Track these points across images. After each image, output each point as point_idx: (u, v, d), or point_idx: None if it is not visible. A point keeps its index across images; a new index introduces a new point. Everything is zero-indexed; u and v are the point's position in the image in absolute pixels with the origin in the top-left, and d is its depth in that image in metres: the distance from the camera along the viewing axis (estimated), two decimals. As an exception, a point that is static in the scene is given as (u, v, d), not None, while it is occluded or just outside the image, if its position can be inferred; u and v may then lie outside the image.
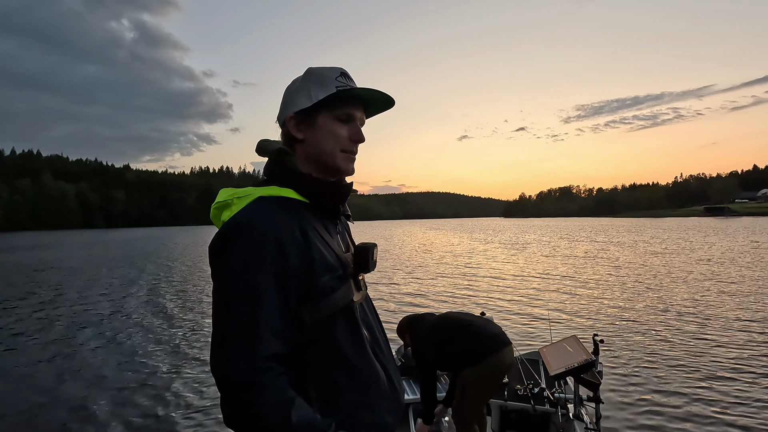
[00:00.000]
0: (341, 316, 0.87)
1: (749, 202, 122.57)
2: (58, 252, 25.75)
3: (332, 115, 0.90)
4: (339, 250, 0.92)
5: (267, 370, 0.73)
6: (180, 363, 5.26)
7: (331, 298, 0.84)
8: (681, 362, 4.87)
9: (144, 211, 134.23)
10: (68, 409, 4.04)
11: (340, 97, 0.90)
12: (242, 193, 0.87)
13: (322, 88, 0.89)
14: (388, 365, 0.94)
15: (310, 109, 0.90)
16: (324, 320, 0.83)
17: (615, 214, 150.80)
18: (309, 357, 0.82)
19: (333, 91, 0.88)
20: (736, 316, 6.88)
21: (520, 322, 6.94)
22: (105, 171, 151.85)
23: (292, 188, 0.88)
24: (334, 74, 0.91)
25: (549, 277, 11.82)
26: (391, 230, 58.08)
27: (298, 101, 0.91)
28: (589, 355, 2.39)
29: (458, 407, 2.50)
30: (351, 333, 0.87)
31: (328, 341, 0.84)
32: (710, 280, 10.52)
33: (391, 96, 0.94)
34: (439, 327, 2.58)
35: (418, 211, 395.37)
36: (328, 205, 0.92)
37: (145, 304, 9.02)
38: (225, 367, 0.73)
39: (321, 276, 0.83)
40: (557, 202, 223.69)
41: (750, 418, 3.59)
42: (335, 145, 0.91)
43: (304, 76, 0.93)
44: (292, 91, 0.93)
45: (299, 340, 0.80)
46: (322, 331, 0.83)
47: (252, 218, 0.81)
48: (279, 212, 0.83)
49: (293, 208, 0.86)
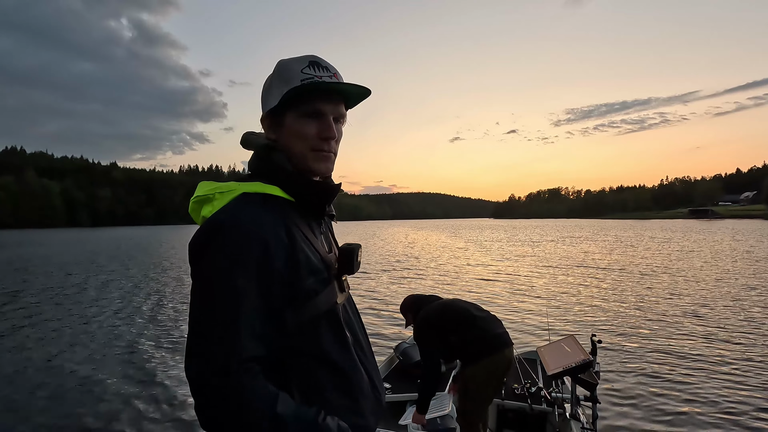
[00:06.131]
0: (325, 319, 0.85)
1: (732, 205, 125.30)
2: (32, 250, 25.20)
3: (299, 112, 0.84)
4: (323, 250, 0.89)
5: (246, 371, 0.71)
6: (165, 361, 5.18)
7: (315, 300, 0.83)
8: (679, 363, 4.89)
9: (130, 209, 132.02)
10: (54, 409, 3.93)
11: (308, 91, 0.83)
12: (225, 188, 0.83)
13: (286, 83, 0.83)
14: (369, 366, 0.93)
15: (278, 108, 0.85)
16: (307, 323, 0.82)
17: (602, 215, 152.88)
18: (292, 360, 0.80)
19: (297, 84, 0.82)
20: (735, 317, 6.93)
21: (518, 321, 6.95)
22: (91, 168, 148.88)
23: (278, 186, 0.85)
24: (300, 66, 0.84)
25: (547, 277, 11.90)
26: (380, 230, 58.11)
27: (269, 100, 0.87)
28: (587, 355, 2.38)
29: (462, 408, 2.47)
30: (334, 335, 0.86)
31: (312, 344, 0.82)
32: (709, 280, 10.65)
33: (362, 85, 0.86)
34: (444, 314, 2.51)
35: (409, 212, 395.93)
36: (314, 205, 0.89)
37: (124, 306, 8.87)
38: (201, 369, 0.71)
39: (305, 279, 0.81)
40: (546, 203, 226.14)
41: (750, 419, 3.61)
42: (304, 145, 0.86)
43: (273, 71, 0.87)
44: (265, 89, 0.89)
45: (282, 343, 0.78)
46: (306, 333, 0.82)
47: (236, 217, 0.77)
48: (264, 211, 0.80)
49: (279, 207, 0.83)
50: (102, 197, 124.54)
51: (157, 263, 17.10)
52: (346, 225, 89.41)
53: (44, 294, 10.11)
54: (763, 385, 4.27)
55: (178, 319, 7.48)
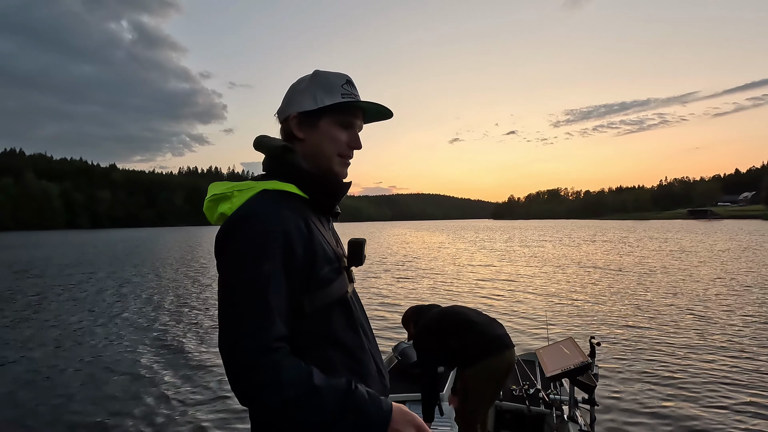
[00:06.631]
0: (337, 305, 0.92)
1: (731, 205, 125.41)
2: (32, 252, 25.18)
3: (335, 120, 0.95)
4: (333, 243, 0.98)
5: (279, 349, 0.76)
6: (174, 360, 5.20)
7: (330, 288, 0.90)
8: (678, 366, 4.87)
9: (130, 211, 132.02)
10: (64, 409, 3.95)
11: (347, 105, 0.95)
12: (243, 186, 0.91)
13: (327, 94, 0.94)
14: (374, 352, 1.00)
15: (314, 111, 0.94)
16: (322, 309, 0.88)
17: (602, 216, 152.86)
18: (307, 344, 0.86)
19: (338, 99, 0.93)
20: (735, 319, 6.91)
21: (517, 322, 6.94)
22: (90, 170, 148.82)
23: (294, 183, 0.92)
24: (340, 81, 0.95)
25: (546, 278, 11.89)
26: (380, 231, 58.09)
27: (302, 102, 0.95)
28: (586, 357, 2.39)
29: (461, 410, 2.47)
30: (345, 320, 0.93)
31: (326, 327, 0.89)
32: (708, 281, 10.66)
33: (390, 109, 1.00)
34: (442, 320, 2.52)
35: (408, 213, 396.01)
36: (326, 202, 0.98)
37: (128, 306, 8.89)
38: (238, 348, 0.75)
39: (322, 268, 0.88)
40: (545, 204, 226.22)
41: (750, 420, 3.61)
42: (334, 149, 0.96)
43: (311, 79, 0.97)
44: (297, 91, 0.97)
45: (299, 328, 0.84)
46: (320, 319, 0.88)
47: (260, 209, 0.84)
48: (284, 205, 0.87)
49: (295, 203, 0.91)
50: (101, 199, 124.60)
51: (164, 264, 17.11)
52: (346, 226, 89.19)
53: (52, 293, 10.12)
54: (766, 386, 4.26)
55: (188, 316, 7.51)
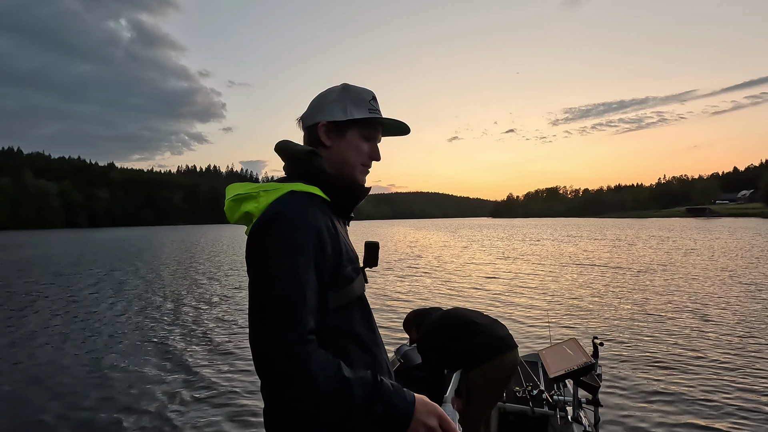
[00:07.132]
0: (357, 304, 0.97)
1: (729, 203, 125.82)
2: (32, 251, 25.13)
3: (360, 132, 1.03)
4: (351, 245, 1.03)
5: (310, 342, 0.79)
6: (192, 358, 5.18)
7: (351, 287, 0.94)
8: (682, 366, 4.86)
9: (129, 210, 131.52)
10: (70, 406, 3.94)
11: (371, 120, 1.04)
12: (269, 186, 0.96)
13: (356, 107, 1.02)
14: (384, 350, 1.06)
15: (344, 122, 1.01)
16: (344, 306, 0.93)
17: (601, 214, 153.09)
18: (329, 339, 0.89)
19: (366, 114, 1.02)
20: (738, 319, 6.91)
21: (520, 323, 6.92)
22: (88, 169, 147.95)
23: (318, 186, 0.98)
24: (368, 97, 1.04)
25: (548, 278, 11.87)
26: (380, 230, 58.01)
27: (333, 112, 1.02)
28: (589, 357, 2.38)
29: (465, 412, 2.45)
30: (363, 318, 0.98)
31: (346, 323, 0.94)
32: (710, 280, 10.66)
33: (408, 126, 1.10)
34: (444, 323, 2.51)
35: (407, 211, 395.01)
36: (347, 205, 1.04)
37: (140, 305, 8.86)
38: (272, 340, 0.78)
39: (346, 266, 0.93)
40: (544, 202, 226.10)
41: (750, 422, 3.61)
42: (357, 159, 1.04)
43: (341, 91, 1.04)
44: (327, 101, 1.04)
45: (324, 323, 0.88)
46: (342, 315, 0.93)
47: (292, 208, 0.89)
48: (313, 205, 0.92)
49: (320, 204, 0.96)
50: (100, 198, 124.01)
51: (164, 263, 17.09)
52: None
53: (52, 293, 10.10)
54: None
55: (197, 314, 7.49)
